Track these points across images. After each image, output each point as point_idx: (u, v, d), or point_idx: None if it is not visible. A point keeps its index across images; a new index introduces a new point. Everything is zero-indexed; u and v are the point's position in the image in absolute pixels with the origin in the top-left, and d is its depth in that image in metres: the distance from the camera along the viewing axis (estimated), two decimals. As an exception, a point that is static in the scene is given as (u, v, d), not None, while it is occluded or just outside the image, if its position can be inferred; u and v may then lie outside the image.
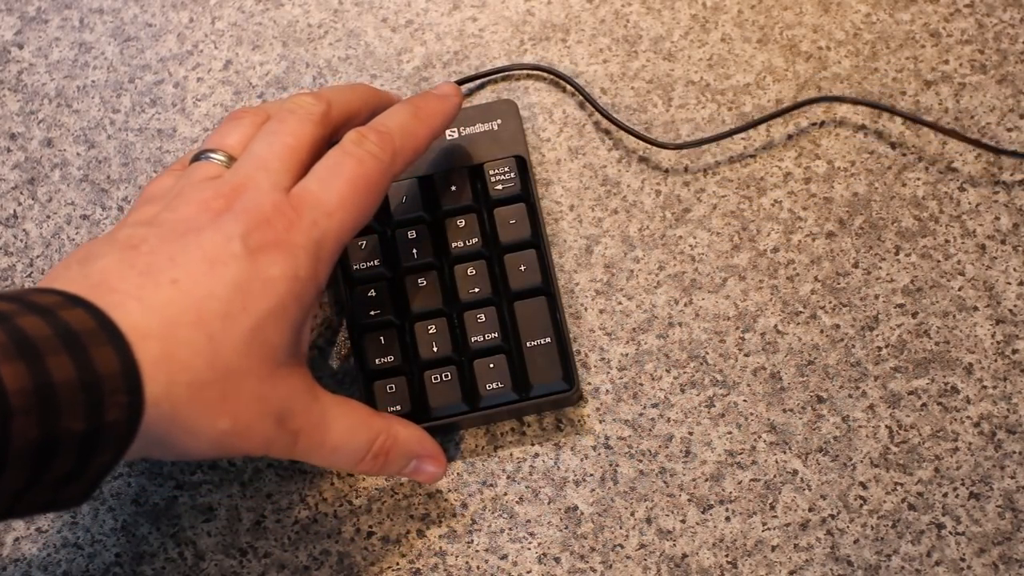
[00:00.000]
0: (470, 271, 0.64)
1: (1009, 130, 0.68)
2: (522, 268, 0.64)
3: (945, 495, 0.62)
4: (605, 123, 0.69)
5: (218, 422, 0.52)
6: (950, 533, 0.61)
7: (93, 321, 0.49)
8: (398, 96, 0.65)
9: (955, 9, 0.70)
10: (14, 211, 0.69)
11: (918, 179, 0.67)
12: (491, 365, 0.63)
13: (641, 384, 0.64)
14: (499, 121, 0.67)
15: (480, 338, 0.63)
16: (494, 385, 0.63)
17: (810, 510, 0.62)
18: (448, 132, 0.67)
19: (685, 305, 0.66)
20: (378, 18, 0.71)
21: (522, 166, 0.66)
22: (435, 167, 0.67)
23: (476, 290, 0.64)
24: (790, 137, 0.68)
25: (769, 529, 0.62)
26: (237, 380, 0.53)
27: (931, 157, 0.67)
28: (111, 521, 0.64)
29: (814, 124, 0.68)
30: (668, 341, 0.65)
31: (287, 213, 0.55)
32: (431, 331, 0.64)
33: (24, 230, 0.68)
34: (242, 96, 0.70)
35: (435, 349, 0.63)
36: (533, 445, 0.64)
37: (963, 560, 0.61)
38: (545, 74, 0.70)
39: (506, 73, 0.70)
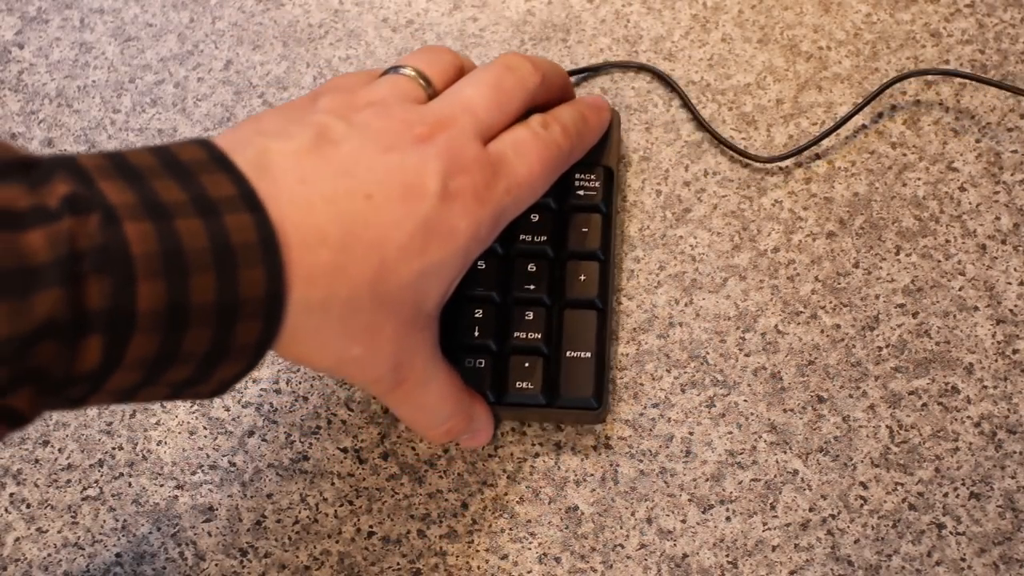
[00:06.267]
0: (530, 267, 0.64)
1: (1009, 130, 0.68)
2: (582, 278, 0.64)
3: (945, 495, 0.62)
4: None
5: (352, 347, 0.51)
6: (950, 533, 0.61)
7: (256, 233, 0.47)
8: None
9: (955, 9, 0.70)
10: (14, 211, 0.69)
11: (918, 179, 0.67)
12: (526, 364, 0.63)
13: (641, 384, 0.64)
14: None
15: (523, 335, 0.63)
16: (524, 384, 0.62)
17: (810, 510, 0.62)
18: None
19: (685, 305, 0.66)
20: (379, 18, 0.71)
21: (608, 178, 0.65)
22: None
23: (531, 287, 0.64)
24: (790, 137, 0.68)
25: (769, 529, 0.62)
26: (386, 315, 0.51)
27: (931, 157, 0.67)
28: (111, 521, 0.64)
29: (814, 124, 0.68)
30: (668, 341, 0.65)
31: (486, 169, 0.54)
32: (477, 315, 0.63)
33: (24, 230, 0.68)
34: (242, 96, 0.70)
35: (476, 334, 0.63)
36: (533, 445, 0.64)
37: (963, 560, 0.61)
38: (643, 72, 0.70)
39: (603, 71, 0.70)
